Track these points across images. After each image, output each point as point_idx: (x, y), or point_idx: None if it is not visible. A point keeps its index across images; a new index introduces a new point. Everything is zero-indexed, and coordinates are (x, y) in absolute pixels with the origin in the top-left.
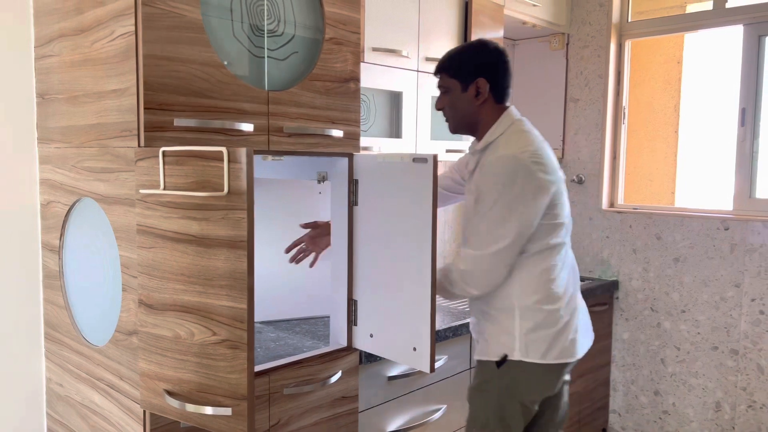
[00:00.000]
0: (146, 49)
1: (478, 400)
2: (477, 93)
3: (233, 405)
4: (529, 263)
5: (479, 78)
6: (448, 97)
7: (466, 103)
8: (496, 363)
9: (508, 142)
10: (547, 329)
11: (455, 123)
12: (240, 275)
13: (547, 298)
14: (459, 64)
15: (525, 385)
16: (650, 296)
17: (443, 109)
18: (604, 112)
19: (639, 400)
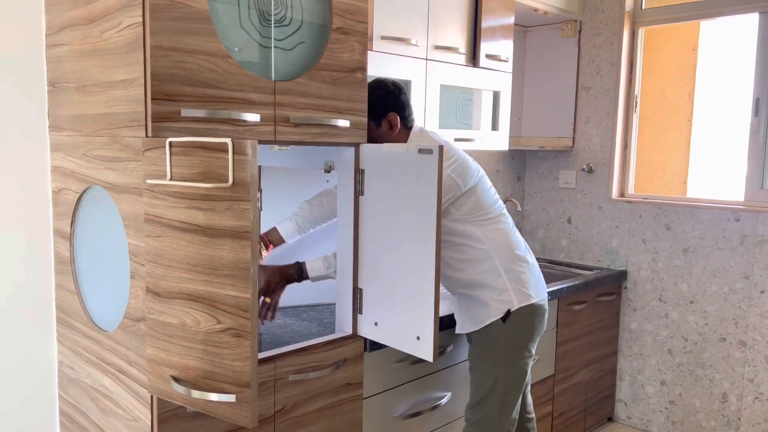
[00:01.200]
0: (153, 40)
1: (487, 360)
2: (390, 126)
3: (237, 392)
4: (489, 229)
5: (389, 113)
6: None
7: (383, 137)
8: (502, 320)
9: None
10: (525, 273)
11: None
12: (244, 265)
13: (516, 247)
14: (368, 107)
15: (528, 330)
16: (659, 286)
17: None
18: (615, 101)
19: (645, 390)
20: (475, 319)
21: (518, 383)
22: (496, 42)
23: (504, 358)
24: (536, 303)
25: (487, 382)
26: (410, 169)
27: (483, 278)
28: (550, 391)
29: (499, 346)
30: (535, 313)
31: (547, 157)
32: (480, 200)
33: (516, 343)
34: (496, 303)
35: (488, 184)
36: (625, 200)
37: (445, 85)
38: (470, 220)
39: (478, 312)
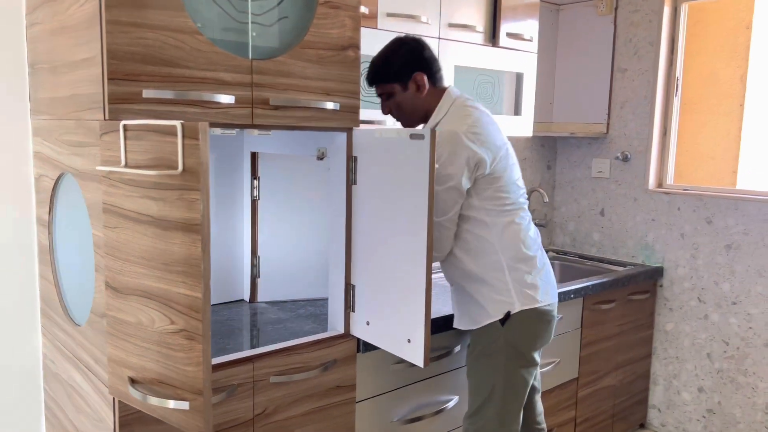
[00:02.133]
0: (109, 14)
1: (483, 367)
2: (418, 87)
3: (191, 399)
4: (500, 222)
5: (415, 73)
6: (392, 101)
7: (412, 99)
8: (501, 322)
9: (450, 119)
10: (532, 274)
11: (409, 121)
12: (195, 261)
13: (526, 246)
14: (392, 68)
15: (529, 336)
16: (698, 285)
17: (390, 112)
18: (654, 84)
19: (681, 396)
20: (472, 317)
21: (519, 392)
22: (520, 20)
23: (502, 364)
24: (542, 308)
25: (484, 389)
26: (402, 157)
27: (484, 273)
28: (573, 396)
29: (497, 351)
30: (540, 318)
31: (579, 144)
32: (504, 189)
33: (516, 349)
34: (495, 303)
35: (517, 174)
36: (663, 191)
37: (461, 66)
38: (486, 207)
39: (475, 310)
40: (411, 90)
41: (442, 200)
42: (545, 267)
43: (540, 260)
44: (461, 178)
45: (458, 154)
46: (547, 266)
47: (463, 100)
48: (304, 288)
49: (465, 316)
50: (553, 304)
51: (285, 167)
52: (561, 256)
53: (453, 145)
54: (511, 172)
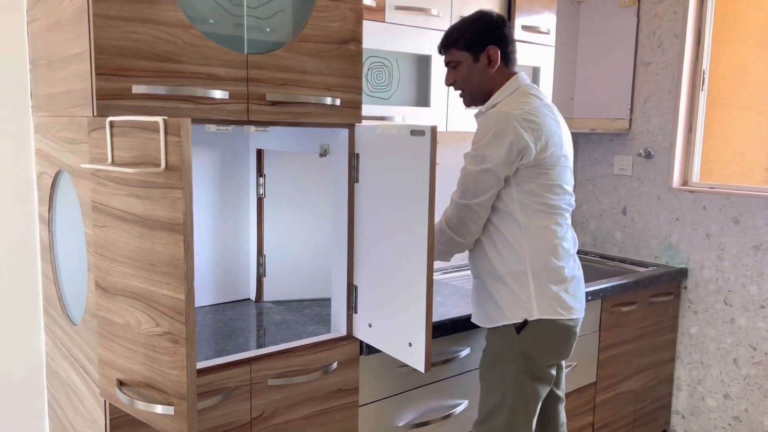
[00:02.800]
0: (97, 8)
1: (494, 374)
2: (489, 61)
3: (176, 404)
4: (534, 224)
5: (489, 46)
6: (460, 70)
7: (480, 73)
8: (516, 329)
9: (509, 103)
10: (559, 285)
11: (472, 94)
12: (178, 262)
13: (556, 256)
14: (469, 36)
15: (545, 347)
16: (724, 288)
17: (454, 83)
18: (679, 78)
19: (706, 403)
20: (489, 315)
21: (529, 404)
22: (536, 12)
23: (514, 373)
24: (562, 321)
25: (495, 396)
26: (403, 154)
27: (507, 273)
28: (591, 400)
29: (510, 359)
30: (560, 332)
31: (600, 140)
32: (547, 188)
33: (530, 359)
34: (513, 307)
35: (568, 178)
36: (688, 189)
37: None
38: (524, 202)
39: (492, 308)
40: (482, 63)
41: (474, 182)
42: (575, 279)
43: (569, 271)
44: (500, 163)
45: (503, 137)
46: (577, 279)
47: (528, 88)
48: (310, 287)
49: (482, 313)
50: (576, 320)
51: (291, 164)
52: (581, 256)
53: (500, 127)
54: (561, 172)
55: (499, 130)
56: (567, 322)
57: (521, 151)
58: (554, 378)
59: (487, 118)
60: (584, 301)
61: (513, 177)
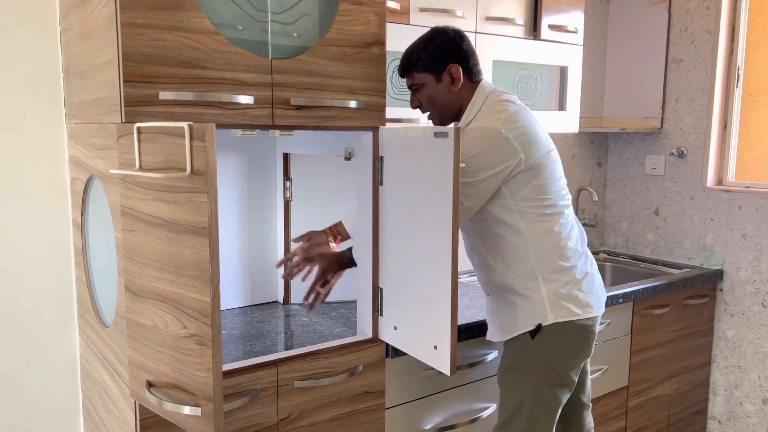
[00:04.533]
0: (124, 16)
1: (512, 380)
2: (452, 80)
3: (203, 405)
4: (537, 230)
5: (450, 65)
6: (423, 92)
7: (444, 93)
8: (530, 334)
9: (486, 116)
10: (571, 285)
11: (440, 115)
12: (203, 265)
13: (563, 257)
14: (427, 57)
15: (562, 351)
16: (762, 289)
17: (420, 106)
18: (713, 75)
19: (744, 408)
20: (504, 328)
21: (549, 411)
22: (564, 11)
23: (531, 380)
24: (579, 321)
25: (512, 403)
26: (427, 156)
27: (516, 283)
28: (623, 404)
29: (525, 366)
30: (577, 333)
31: (632, 140)
32: (543, 188)
33: (547, 364)
34: (527, 314)
35: (560, 172)
36: (723, 189)
37: (500, 61)
38: (522, 210)
39: (507, 320)
40: (445, 83)
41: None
42: (587, 277)
43: (580, 270)
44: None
45: (491, 154)
46: (590, 276)
47: (497, 95)
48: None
49: (496, 327)
50: (594, 318)
51: (317, 167)
52: (613, 257)
53: (486, 144)
54: (552, 169)
55: (486, 148)
56: (584, 322)
57: (512, 164)
58: (575, 383)
59: (470, 135)
60: (603, 298)
61: (506, 186)
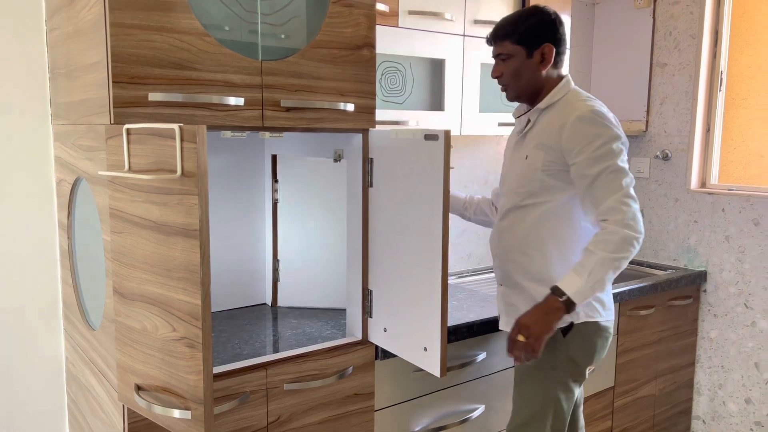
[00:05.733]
0: (113, 16)
1: (540, 379)
2: (542, 59)
3: (193, 408)
4: (586, 226)
5: (545, 44)
6: (510, 64)
7: (530, 70)
8: (562, 332)
9: (575, 102)
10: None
11: (517, 90)
12: (194, 268)
13: None
14: (525, 30)
15: (589, 350)
16: (744, 290)
17: (500, 76)
18: (696, 78)
19: (727, 408)
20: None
21: (569, 409)
22: None
23: (560, 378)
24: (604, 322)
25: (535, 403)
26: (417, 158)
27: (556, 276)
28: (609, 405)
29: (558, 366)
30: (604, 334)
31: None
32: None
33: (575, 363)
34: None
35: None
36: (706, 191)
37: (487, 63)
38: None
39: None
40: (534, 60)
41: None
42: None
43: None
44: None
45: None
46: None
47: (579, 92)
48: (324, 297)
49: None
50: (611, 321)
51: (304, 169)
52: None
53: (604, 121)
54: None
55: (613, 125)
56: (607, 323)
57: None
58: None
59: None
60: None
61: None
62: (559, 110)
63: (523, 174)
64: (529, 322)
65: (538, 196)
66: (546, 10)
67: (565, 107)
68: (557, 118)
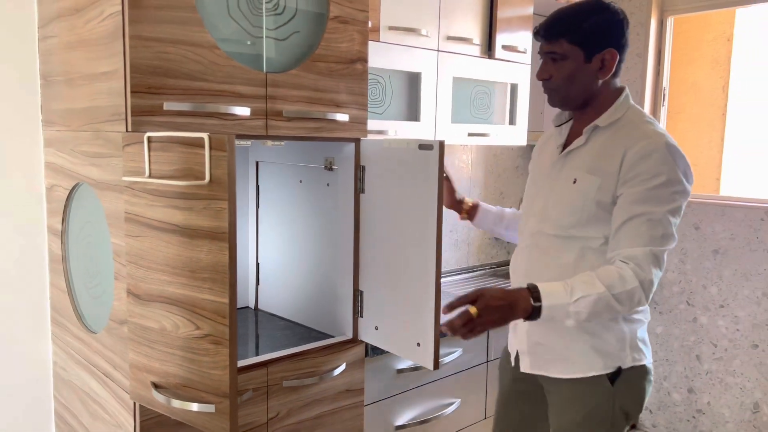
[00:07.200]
0: (133, 29)
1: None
2: (602, 66)
3: (216, 402)
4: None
5: (608, 48)
6: (563, 66)
7: (587, 77)
8: (610, 379)
9: (641, 125)
10: (646, 323)
11: (566, 96)
12: (221, 268)
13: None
14: (588, 30)
15: (639, 398)
16: (686, 289)
17: (549, 79)
18: (642, 94)
19: (672, 398)
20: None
21: None
22: (514, 32)
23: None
24: (649, 365)
25: None
26: (410, 167)
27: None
28: None
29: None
30: (648, 378)
31: None
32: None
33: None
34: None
35: None
36: None
37: (458, 77)
38: None
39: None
40: (593, 66)
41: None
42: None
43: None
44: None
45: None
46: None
47: (640, 111)
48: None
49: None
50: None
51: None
52: None
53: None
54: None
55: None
56: (651, 366)
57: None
58: None
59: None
60: None
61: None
62: (620, 131)
63: (570, 201)
64: (492, 304)
65: (585, 229)
66: (613, 7)
67: (630, 129)
68: (620, 141)
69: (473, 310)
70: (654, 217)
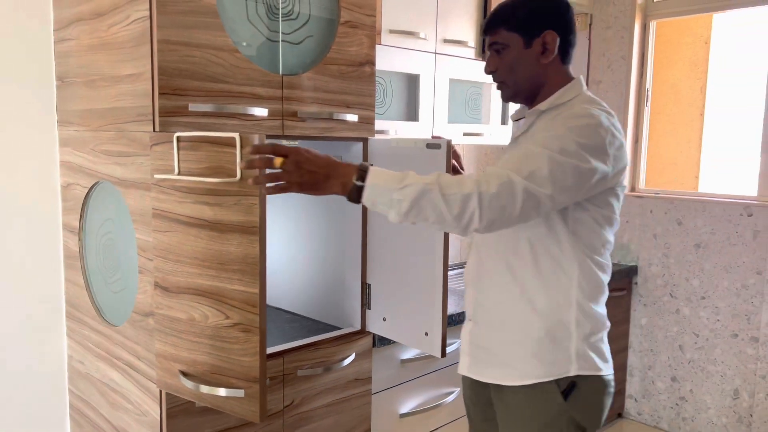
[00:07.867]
0: (161, 34)
1: None
2: (543, 49)
3: (246, 387)
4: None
5: (547, 31)
6: (505, 56)
7: (529, 62)
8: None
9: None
10: (601, 332)
11: (515, 86)
12: (252, 260)
13: (602, 294)
14: (523, 15)
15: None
16: (670, 282)
17: (495, 72)
18: (626, 95)
19: (656, 386)
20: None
21: None
22: None
23: None
24: (607, 377)
25: None
26: (418, 165)
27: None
28: None
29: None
30: (606, 391)
31: None
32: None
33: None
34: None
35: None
36: (636, 195)
37: (454, 79)
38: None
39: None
40: (534, 50)
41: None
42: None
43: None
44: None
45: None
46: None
47: (592, 98)
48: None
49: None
50: (612, 375)
51: None
52: None
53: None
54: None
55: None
56: (610, 378)
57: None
58: None
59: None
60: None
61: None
62: (562, 113)
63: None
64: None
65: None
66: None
67: (570, 108)
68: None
69: (278, 161)
70: (534, 152)
